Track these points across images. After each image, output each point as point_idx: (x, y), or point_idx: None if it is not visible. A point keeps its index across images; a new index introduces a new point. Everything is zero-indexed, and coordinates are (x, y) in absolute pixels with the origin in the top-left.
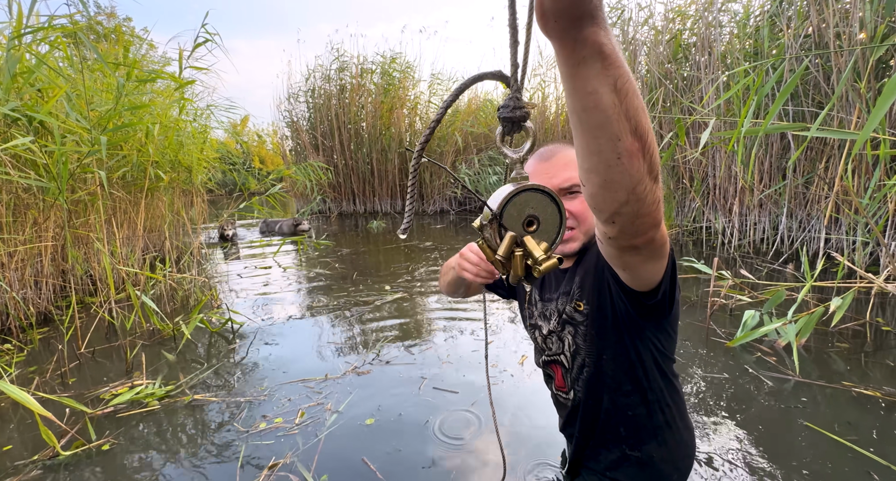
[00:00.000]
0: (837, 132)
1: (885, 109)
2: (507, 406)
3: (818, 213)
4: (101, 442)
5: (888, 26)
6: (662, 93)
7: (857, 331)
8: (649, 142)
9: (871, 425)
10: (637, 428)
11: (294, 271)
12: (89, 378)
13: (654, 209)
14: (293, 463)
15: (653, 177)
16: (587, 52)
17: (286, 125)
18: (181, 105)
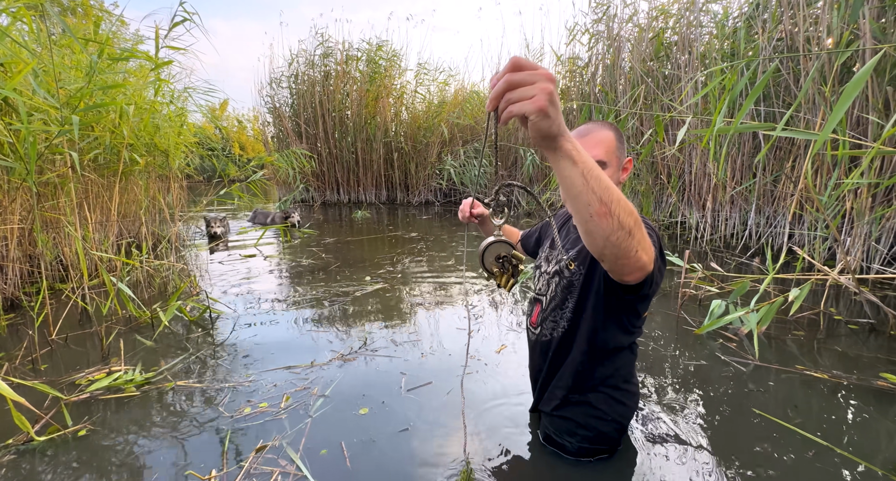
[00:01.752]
0: (800, 132)
1: (842, 113)
2: (480, 392)
3: (784, 210)
4: (77, 427)
5: (852, 33)
6: (644, 90)
7: (813, 320)
8: (613, 207)
9: (817, 405)
10: (583, 380)
11: (277, 260)
12: (62, 364)
13: (633, 256)
14: (280, 445)
15: (626, 232)
16: (561, 155)
17: (268, 111)
18: (157, 86)
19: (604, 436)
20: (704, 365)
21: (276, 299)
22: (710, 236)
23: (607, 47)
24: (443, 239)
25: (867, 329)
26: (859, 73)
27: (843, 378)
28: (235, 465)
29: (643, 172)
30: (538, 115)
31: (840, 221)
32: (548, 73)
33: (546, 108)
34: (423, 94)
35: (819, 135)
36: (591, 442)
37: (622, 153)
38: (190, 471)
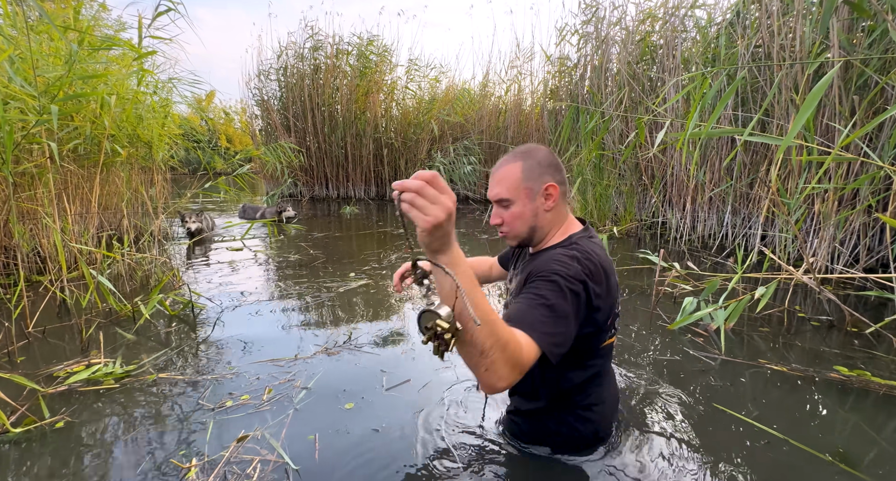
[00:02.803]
0: (766, 137)
1: (803, 121)
2: (449, 384)
3: (758, 212)
4: (55, 419)
5: (822, 43)
6: (628, 92)
7: (779, 317)
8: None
9: (775, 397)
10: (531, 395)
11: (264, 255)
12: (40, 357)
13: (480, 373)
14: (262, 435)
15: (478, 351)
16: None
17: (256, 103)
18: (140, 76)
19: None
20: (675, 359)
21: (261, 293)
22: (689, 236)
23: (595, 49)
24: None
25: (827, 326)
26: (818, 85)
27: (801, 371)
28: (216, 454)
29: (627, 174)
30: (423, 229)
31: (805, 224)
32: (449, 206)
33: (430, 229)
34: (414, 91)
35: (783, 140)
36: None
37: (536, 181)
38: (172, 460)
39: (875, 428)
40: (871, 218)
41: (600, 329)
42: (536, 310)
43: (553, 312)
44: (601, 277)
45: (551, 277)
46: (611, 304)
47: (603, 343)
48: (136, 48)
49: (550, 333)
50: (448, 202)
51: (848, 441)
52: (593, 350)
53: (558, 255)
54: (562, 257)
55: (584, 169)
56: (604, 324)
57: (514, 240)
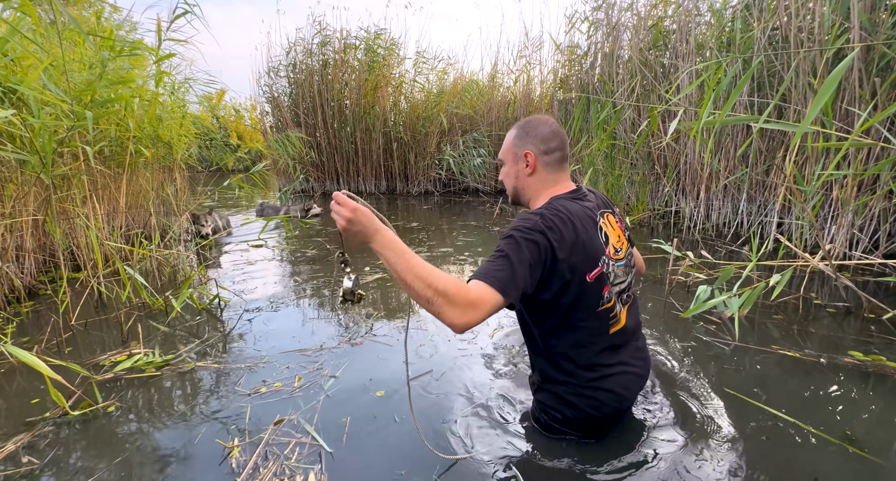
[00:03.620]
0: (782, 124)
1: (819, 107)
2: (477, 371)
3: (774, 199)
4: (107, 403)
5: (842, 25)
6: (640, 80)
7: (794, 305)
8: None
9: (786, 382)
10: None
11: (283, 251)
12: (84, 348)
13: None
14: (297, 420)
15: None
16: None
17: (266, 100)
18: (158, 78)
19: (567, 422)
20: (688, 346)
21: (282, 288)
22: (703, 225)
23: (606, 36)
24: (444, 229)
25: (843, 312)
26: (835, 71)
27: (814, 356)
28: (256, 437)
29: (640, 163)
30: (342, 231)
31: (822, 210)
32: (346, 214)
33: (342, 230)
34: (422, 83)
35: (799, 126)
36: (556, 423)
37: (519, 147)
38: (217, 440)
39: (889, 411)
40: (893, 203)
41: (573, 282)
42: (492, 262)
43: (507, 260)
44: (567, 229)
45: (509, 233)
46: (586, 259)
47: (595, 307)
48: (155, 50)
49: (503, 277)
50: (342, 214)
51: (859, 424)
52: (577, 309)
53: (526, 215)
54: (528, 215)
55: (596, 159)
56: (578, 278)
57: (509, 196)
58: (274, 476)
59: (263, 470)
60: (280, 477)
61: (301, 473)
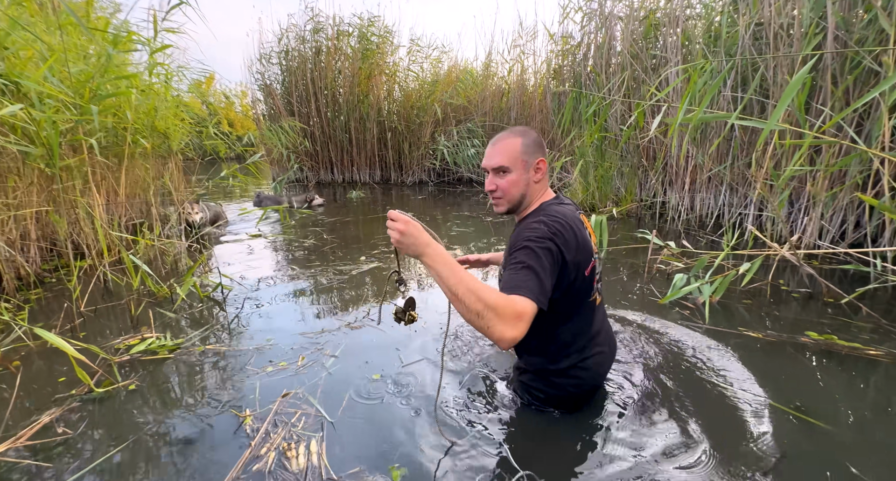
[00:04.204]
0: (753, 121)
1: (784, 107)
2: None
3: (754, 192)
4: (127, 382)
5: (819, 24)
6: (630, 74)
7: (763, 291)
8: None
9: (751, 360)
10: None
11: (280, 240)
12: (97, 333)
13: (487, 332)
14: (302, 394)
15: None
16: (424, 264)
17: (258, 88)
18: (151, 67)
19: (550, 400)
20: (664, 329)
21: (280, 276)
22: (687, 216)
23: (599, 26)
24: (439, 219)
25: (806, 297)
26: (798, 74)
27: (775, 337)
28: (265, 407)
29: (629, 155)
30: (396, 245)
31: (798, 203)
32: (399, 227)
33: (396, 243)
34: (416, 72)
35: (766, 123)
36: (539, 401)
37: (532, 156)
38: (232, 410)
39: (835, 383)
40: (855, 196)
41: (577, 278)
42: (519, 274)
43: (531, 270)
44: (568, 233)
45: (524, 244)
46: (585, 256)
47: (587, 297)
48: (149, 41)
49: (535, 287)
50: (398, 227)
51: (809, 395)
52: (576, 302)
53: (529, 225)
54: (531, 225)
55: (587, 151)
56: (580, 274)
57: (506, 205)
58: (283, 440)
59: (274, 434)
60: (288, 441)
61: (305, 439)
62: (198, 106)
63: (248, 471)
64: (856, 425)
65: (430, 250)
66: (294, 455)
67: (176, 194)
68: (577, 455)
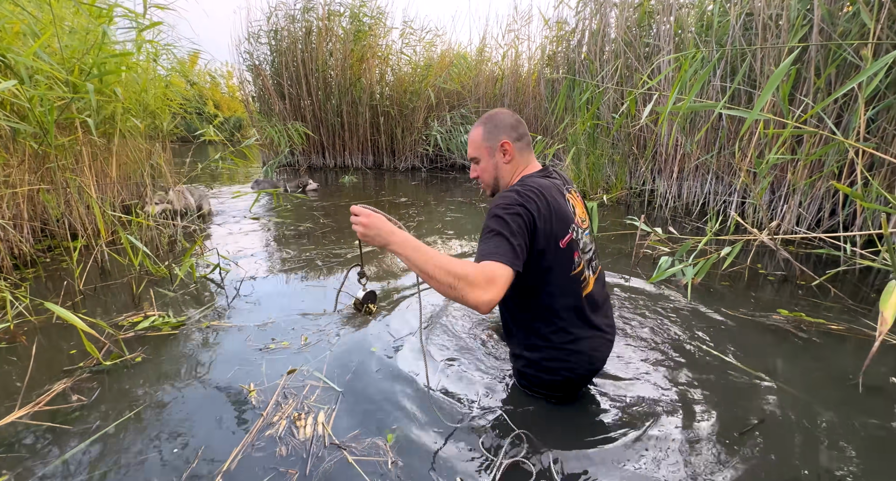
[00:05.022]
0: (738, 111)
1: (767, 98)
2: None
3: (737, 180)
4: (134, 355)
5: (805, 17)
6: (624, 62)
7: (742, 274)
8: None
9: (728, 334)
10: (509, 334)
11: (276, 224)
12: (98, 310)
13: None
14: (308, 371)
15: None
16: (392, 252)
17: (247, 68)
18: (139, 45)
19: (545, 385)
20: (650, 309)
21: (279, 258)
22: (675, 203)
23: (594, 12)
24: (433, 204)
25: (781, 279)
26: (781, 67)
27: (749, 315)
28: (272, 382)
29: (620, 143)
30: (361, 237)
31: (779, 191)
32: (363, 220)
33: (361, 236)
34: (409, 56)
35: (749, 113)
36: (536, 386)
37: (493, 141)
38: (241, 385)
39: (803, 354)
40: (831, 185)
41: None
42: (490, 242)
43: (501, 236)
44: (541, 201)
45: (493, 213)
46: (561, 227)
47: (567, 271)
48: (139, 16)
49: (506, 251)
50: (360, 222)
51: (780, 364)
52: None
53: (502, 194)
54: (504, 194)
55: (579, 138)
56: (554, 245)
57: (487, 189)
58: (295, 410)
59: (285, 405)
60: (298, 411)
61: (315, 410)
62: (182, 86)
63: (261, 437)
64: (819, 392)
65: (395, 238)
66: (303, 424)
67: (168, 176)
68: (569, 421)
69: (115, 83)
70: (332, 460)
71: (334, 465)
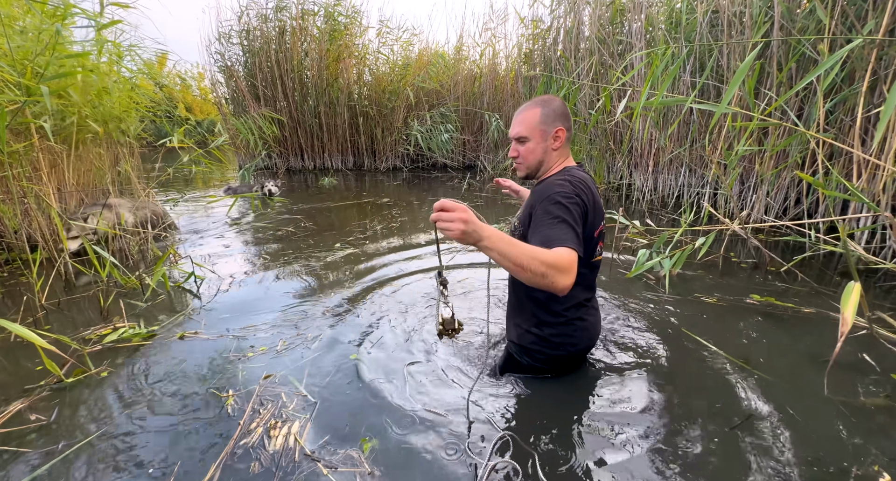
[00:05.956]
0: (706, 105)
1: (734, 90)
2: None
3: (709, 172)
4: (100, 369)
5: (767, 14)
6: (598, 59)
7: (716, 262)
8: (525, 265)
9: (706, 321)
10: (521, 312)
11: (254, 229)
12: (62, 324)
13: (550, 286)
14: (286, 376)
15: (538, 276)
16: (483, 249)
17: (219, 69)
18: (100, 45)
19: (549, 360)
20: (632, 299)
21: (255, 264)
22: (650, 196)
23: (568, 10)
24: (415, 204)
25: (752, 266)
26: (745, 63)
27: (725, 301)
28: (249, 388)
29: (598, 139)
30: (458, 238)
31: (748, 181)
32: (462, 216)
33: (460, 236)
34: (387, 55)
35: (718, 107)
36: (539, 362)
37: (550, 125)
38: (212, 390)
39: (774, 338)
40: (795, 175)
41: (588, 237)
42: (557, 228)
43: (567, 224)
44: (588, 195)
45: (555, 199)
46: (598, 219)
47: (592, 257)
48: (96, 15)
49: (573, 238)
50: (460, 216)
51: (753, 348)
52: (585, 258)
53: (554, 182)
54: (556, 182)
55: None
56: (591, 234)
57: (525, 170)
58: (273, 417)
59: (263, 411)
60: (276, 419)
61: (290, 419)
62: (150, 89)
63: (238, 448)
64: (789, 371)
65: (487, 232)
66: (276, 434)
67: (135, 183)
68: (553, 418)
69: (71, 85)
70: (304, 472)
71: (306, 478)
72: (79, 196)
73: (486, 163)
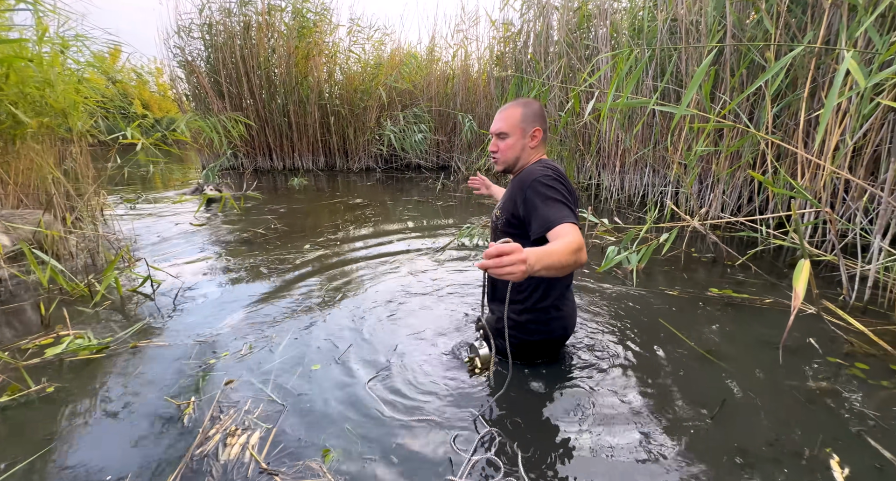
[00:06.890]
0: (667, 106)
1: (692, 94)
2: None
3: (671, 172)
4: (41, 386)
5: (720, 23)
6: (566, 62)
7: (678, 258)
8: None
9: (670, 312)
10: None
11: (221, 229)
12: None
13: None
14: (251, 380)
15: (576, 264)
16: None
17: (178, 65)
18: (41, 34)
19: (521, 345)
20: (601, 294)
21: (218, 267)
22: (618, 195)
23: (537, 15)
24: (390, 204)
25: (711, 261)
26: (700, 68)
27: (686, 293)
28: (209, 395)
29: (568, 140)
30: (519, 279)
31: (704, 181)
32: (520, 257)
33: (521, 277)
34: (358, 54)
35: (678, 109)
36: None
37: (529, 124)
38: (167, 398)
39: (732, 328)
40: (748, 174)
41: None
42: (556, 206)
43: (559, 202)
44: (567, 181)
45: (542, 181)
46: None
47: None
48: (37, 1)
49: (573, 214)
50: (519, 258)
51: (716, 337)
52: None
53: (534, 170)
54: (537, 169)
55: None
56: None
57: (503, 165)
58: (233, 423)
59: (224, 417)
60: (237, 425)
61: (252, 427)
62: (102, 83)
63: (194, 461)
64: (746, 357)
65: (534, 259)
66: (232, 443)
67: (83, 182)
68: (528, 412)
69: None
70: None
71: None
72: (17, 197)
73: (460, 164)
